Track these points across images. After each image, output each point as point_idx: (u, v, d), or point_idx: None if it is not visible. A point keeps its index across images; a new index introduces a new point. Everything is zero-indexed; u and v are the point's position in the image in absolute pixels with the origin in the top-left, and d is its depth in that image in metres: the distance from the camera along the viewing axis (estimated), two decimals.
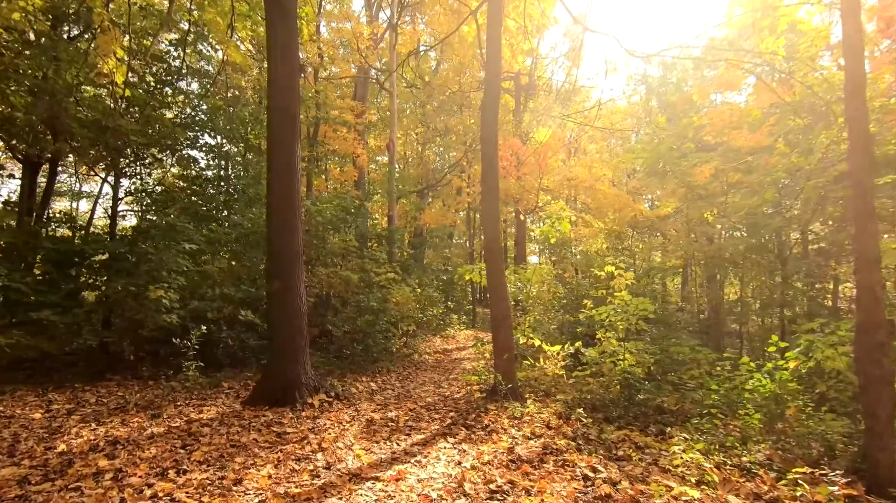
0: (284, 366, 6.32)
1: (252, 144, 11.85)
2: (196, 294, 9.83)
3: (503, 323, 6.88)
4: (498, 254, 7.04)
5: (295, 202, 6.54)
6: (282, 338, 6.37)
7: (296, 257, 6.51)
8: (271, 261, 6.50)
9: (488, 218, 7.12)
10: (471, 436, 5.18)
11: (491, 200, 7.11)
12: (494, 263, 7.00)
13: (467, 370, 10.18)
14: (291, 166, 6.55)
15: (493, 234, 7.07)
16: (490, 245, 7.06)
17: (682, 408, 5.84)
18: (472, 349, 14.42)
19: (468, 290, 22.69)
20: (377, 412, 6.16)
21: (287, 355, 6.35)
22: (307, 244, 11.64)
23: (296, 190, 6.58)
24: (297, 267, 6.52)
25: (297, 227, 6.57)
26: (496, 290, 6.97)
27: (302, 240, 6.70)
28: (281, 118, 6.52)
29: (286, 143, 6.53)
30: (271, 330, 6.47)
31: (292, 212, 6.52)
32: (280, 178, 6.50)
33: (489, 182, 7.09)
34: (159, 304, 8.34)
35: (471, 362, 11.60)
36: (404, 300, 10.78)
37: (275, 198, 6.53)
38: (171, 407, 6.14)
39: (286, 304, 6.40)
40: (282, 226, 6.47)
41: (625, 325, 6.67)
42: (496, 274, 6.98)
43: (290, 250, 6.47)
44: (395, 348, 10.94)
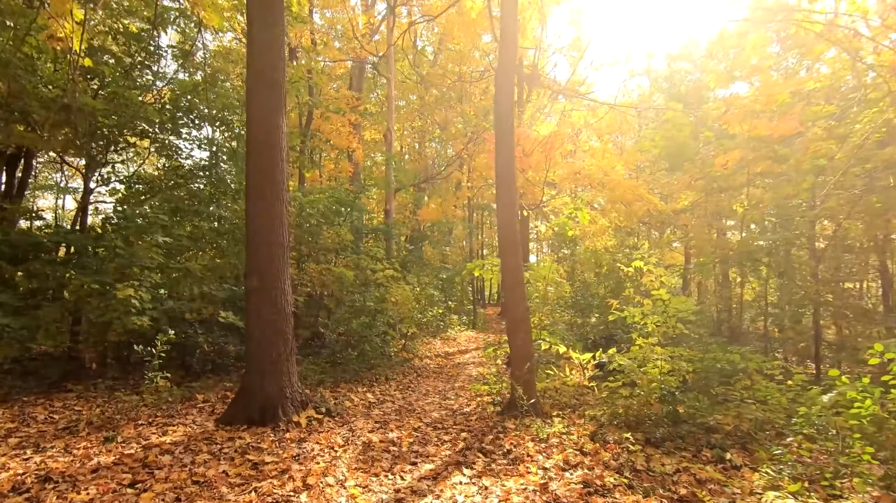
0: (264, 379, 5.34)
1: (241, 133, 10.85)
2: (173, 293, 8.86)
3: (521, 326, 5.93)
4: (515, 246, 6.09)
5: (278, 183, 5.57)
6: (261, 345, 5.39)
7: (279, 248, 5.54)
8: (249, 253, 5.53)
9: (504, 204, 6.18)
10: (491, 465, 4.23)
11: (506, 184, 6.16)
12: (511, 257, 6.06)
13: (474, 377, 9.24)
14: (274, 141, 5.57)
15: (508, 223, 6.12)
16: (506, 236, 6.11)
17: (739, 428, 4.91)
18: (475, 352, 13.49)
19: (468, 290, 21.74)
20: (375, 432, 5.20)
21: (267, 365, 5.37)
22: (298, 239, 10.66)
23: (280, 169, 5.60)
24: (281, 260, 5.55)
25: (282, 213, 5.60)
26: (513, 289, 6.03)
27: (288, 228, 5.72)
28: (260, 83, 5.54)
29: (267, 112, 5.55)
30: (248, 335, 5.50)
31: (275, 194, 5.54)
32: (260, 154, 5.53)
33: (504, 163, 6.15)
34: (128, 305, 7.35)
35: (476, 367, 10.66)
36: (404, 299, 9.82)
37: (254, 178, 5.55)
38: (131, 426, 5.15)
39: (267, 304, 5.42)
40: (262, 211, 5.49)
41: (662, 329, 5.75)
42: (513, 270, 6.03)
43: (272, 240, 5.49)
44: (394, 352, 9.98)
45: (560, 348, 5.62)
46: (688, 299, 5.51)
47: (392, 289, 10.00)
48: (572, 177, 17.35)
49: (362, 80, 21.28)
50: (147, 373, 5.84)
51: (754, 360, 5.44)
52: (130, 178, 10.97)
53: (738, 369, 5.96)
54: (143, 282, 7.85)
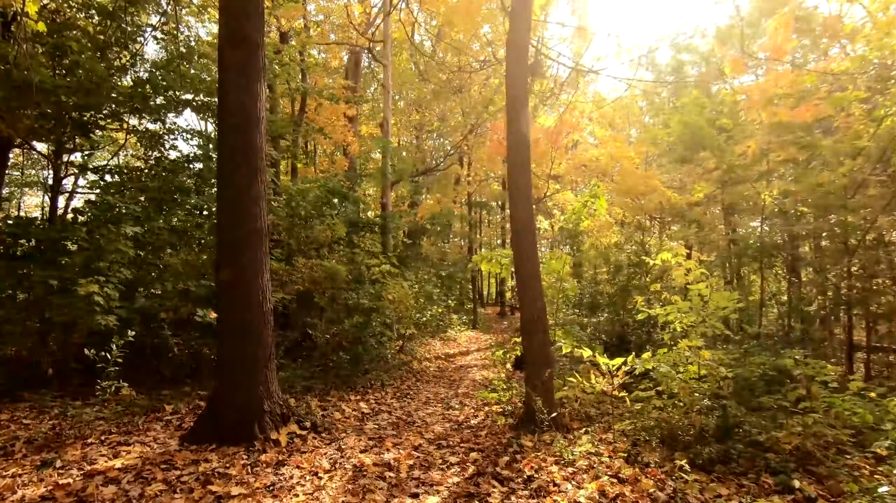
0: (237, 389, 4.53)
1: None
2: (149, 290, 8.06)
3: (538, 325, 5.14)
4: (531, 236, 5.31)
5: (255, 159, 4.76)
6: (234, 350, 4.58)
7: (256, 236, 4.73)
8: (221, 241, 4.72)
9: (518, 188, 5.39)
10: (510, 498, 3.44)
11: (520, 165, 5.37)
12: (526, 245, 5.27)
13: (478, 382, 8.45)
14: (250, 110, 4.76)
15: (524, 209, 5.33)
16: (521, 224, 5.32)
17: (803, 447, 4.14)
18: (477, 354, 12.70)
19: (469, 288, 20.97)
20: (369, 452, 4.40)
21: (241, 373, 4.56)
22: (287, 233, 9.85)
23: (257, 144, 4.79)
24: (259, 249, 4.74)
25: (260, 195, 4.79)
26: (528, 284, 5.24)
27: (267, 213, 4.91)
28: (232, 42, 4.73)
29: (242, 77, 4.74)
30: (220, 338, 4.69)
31: (252, 172, 4.73)
32: (234, 125, 4.72)
33: (517, 139, 5.36)
34: (92, 303, 6.52)
35: (479, 370, 9.88)
36: (401, 297, 9.02)
37: (227, 153, 4.74)
38: (78, 446, 4.33)
39: (241, 302, 4.62)
40: (237, 192, 4.68)
41: (701, 329, 4.98)
42: (528, 260, 5.24)
43: (248, 226, 4.68)
44: (391, 355, 9.18)
45: (584, 352, 4.85)
46: (732, 294, 4.75)
47: (389, 286, 9.20)
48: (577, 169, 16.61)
49: (358, 72, 20.49)
50: (100, 383, 5.02)
51: (811, 366, 4.68)
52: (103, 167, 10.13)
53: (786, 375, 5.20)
54: (111, 278, 7.03)
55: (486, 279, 37.78)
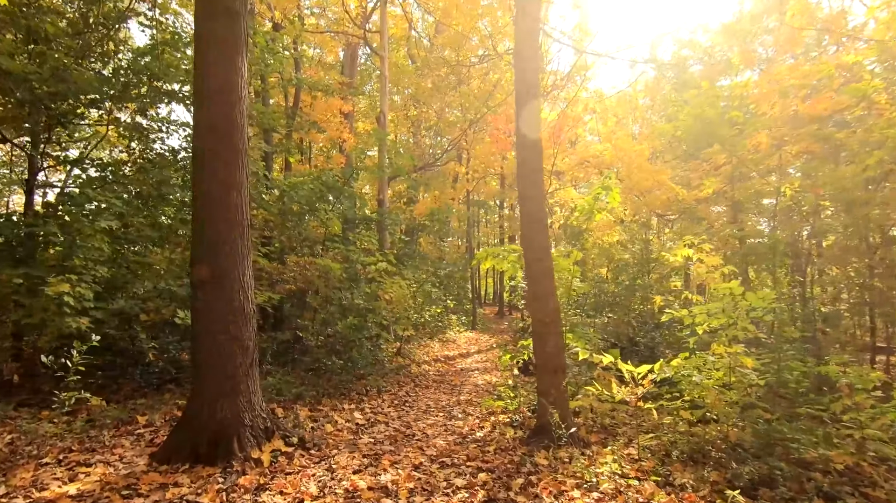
0: (215, 401, 4.01)
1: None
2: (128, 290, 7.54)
3: (551, 328, 4.64)
4: (542, 230, 4.80)
5: (235, 142, 4.23)
6: (212, 356, 4.06)
7: (237, 229, 4.20)
8: (197, 235, 4.19)
9: (528, 177, 4.88)
10: None
11: (530, 146, 4.87)
12: (537, 242, 4.77)
13: (481, 387, 7.95)
14: (230, 88, 4.24)
15: (534, 199, 4.83)
16: (531, 216, 4.82)
17: (857, 467, 3.65)
18: (478, 356, 12.20)
19: (467, 287, 20.47)
20: (363, 472, 3.88)
21: (220, 383, 4.04)
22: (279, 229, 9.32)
23: (238, 125, 4.27)
24: (240, 243, 4.21)
25: (241, 183, 4.26)
26: (540, 282, 4.73)
27: (250, 203, 4.39)
28: (210, 13, 4.21)
29: (221, 50, 4.22)
30: (195, 342, 4.17)
31: (232, 157, 4.21)
32: (212, 104, 4.19)
33: (527, 122, 4.85)
34: (62, 303, 5.99)
35: (481, 374, 9.38)
36: (399, 297, 8.51)
37: (204, 136, 4.22)
38: (31, 467, 3.80)
39: (220, 303, 4.09)
40: (215, 179, 4.15)
41: (731, 332, 4.49)
42: (539, 256, 4.74)
43: (228, 217, 4.16)
44: (388, 358, 8.66)
45: (604, 358, 4.35)
46: (767, 293, 4.26)
47: (386, 285, 8.68)
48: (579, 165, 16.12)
49: (354, 68, 20.03)
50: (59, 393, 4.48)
51: (855, 372, 4.20)
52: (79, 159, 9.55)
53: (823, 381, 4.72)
54: (85, 277, 6.50)
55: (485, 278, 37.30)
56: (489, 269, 31.54)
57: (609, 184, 6.72)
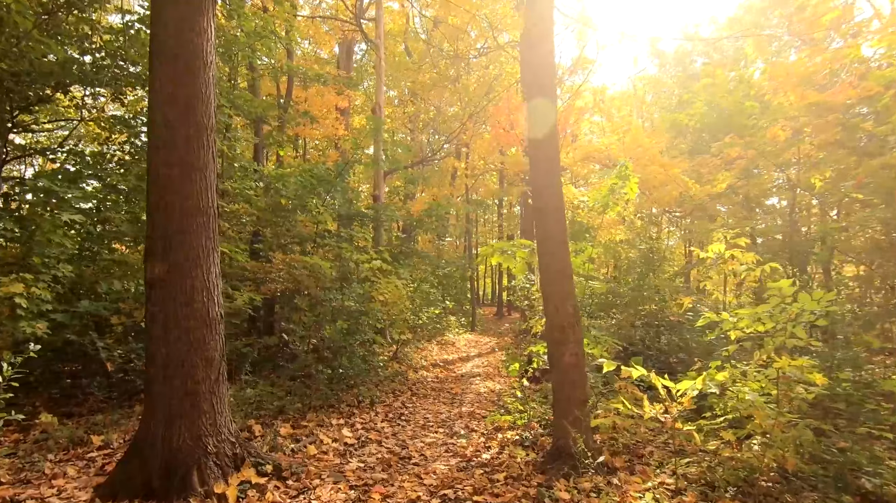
0: (172, 423, 3.34)
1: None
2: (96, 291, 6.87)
3: (569, 334, 3.99)
4: (559, 221, 4.15)
5: (199, 115, 3.57)
6: (168, 370, 3.39)
7: (199, 217, 3.54)
8: (152, 224, 3.53)
9: (541, 159, 4.23)
10: None
11: (544, 125, 4.22)
12: (553, 236, 4.12)
13: (484, 396, 7.30)
14: (192, 51, 3.58)
15: (550, 186, 4.18)
16: (546, 205, 4.17)
17: None
18: (478, 360, 11.55)
19: (466, 287, 19.84)
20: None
21: (177, 401, 3.38)
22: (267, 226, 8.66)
23: (202, 96, 3.61)
24: (202, 235, 3.55)
25: (206, 164, 3.60)
26: (556, 280, 4.09)
27: (216, 189, 3.72)
28: None
29: (182, 8, 3.56)
30: (148, 353, 3.50)
31: (195, 134, 3.54)
32: (170, 71, 3.53)
33: (541, 89, 4.21)
34: (14, 305, 5.34)
35: (483, 381, 8.73)
36: (395, 298, 7.86)
37: (161, 108, 3.55)
38: None
39: (179, 306, 3.43)
40: (174, 159, 3.49)
41: (780, 338, 3.85)
42: (556, 254, 4.09)
43: (189, 204, 3.50)
44: (382, 363, 7.99)
45: (635, 371, 3.70)
46: (826, 293, 3.63)
47: (381, 284, 8.02)
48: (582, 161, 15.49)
49: (350, 63, 19.45)
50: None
51: None
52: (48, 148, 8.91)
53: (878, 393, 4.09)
54: (44, 276, 5.83)
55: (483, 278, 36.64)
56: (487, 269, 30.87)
57: (626, 173, 6.09)
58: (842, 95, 8.99)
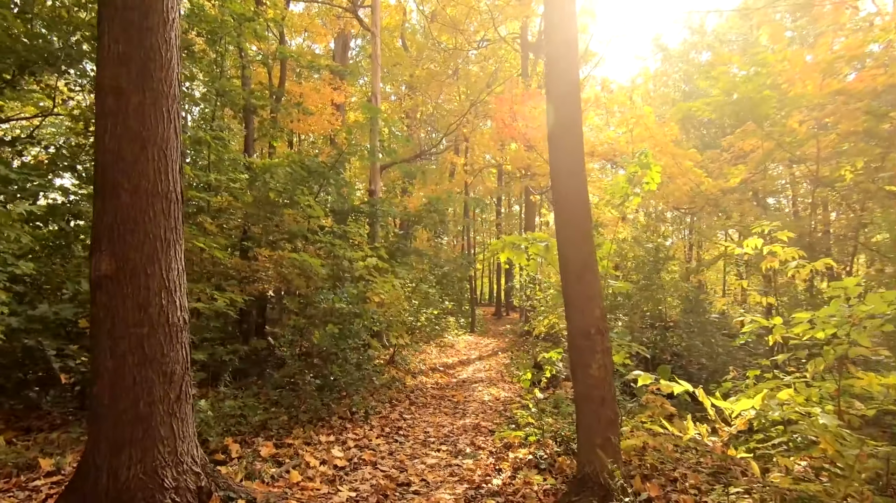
0: (120, 451, 2.74)
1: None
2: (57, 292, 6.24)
3: (596, 343, 3.40)
4: (583, 208, 3.57)
5: (156, 80, 2.97)
6: (114, 386, 2.79)
7: (153, 202, 2.94)
8: (96, 211, 2.93)
9: (560, 135, 3.65)
10: None
11: (566, 90, 3.63)
12: (578, 225, 3.53)
13: (489, 405, 6.71)
14: (150, 3, 2.98)
15: (572, 167, 3.60)
16: (568, 190, 3.58)
17: None
18: (479, 363, 10.98)
19: (466, 287, 19.27)
20: None
21: (125, 425, 2.78)
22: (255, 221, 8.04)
23: (160, 58, 3.00)
24: (159, 224, 2.95)
25: (164, 139, 3.00)
26: (580, 278, 3.50)
27: (179, 170, 3.12)
28: None
29: None
30: (94, 365, 2.90)
31: (150, 100, 2.95)
32: (121, 25, 2.93)
33: (566, 41, 3.62)
34: None
35: (487, 387, 8.15)
36: (392, 298, 7.27)
37: (108, 67, 2.95)
38: None
39: (129, 309, 2.83)
40: (118, 128, 2.89)
41: (843, 347, 3.29)
42: (580, 246, 3.51)
43: (138, 185, 2.90)
44: (378, 370, 7.40)
45: (679, 387, 3.13)
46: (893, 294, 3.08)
47: (377, 284, 7.42)
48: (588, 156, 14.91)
49: (346, 58, 18.92)
50: None
51: None
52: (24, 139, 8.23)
53: None
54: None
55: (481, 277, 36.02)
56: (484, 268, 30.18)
57: (646, 160, 5.52)
58: (864, 83, 8.48)
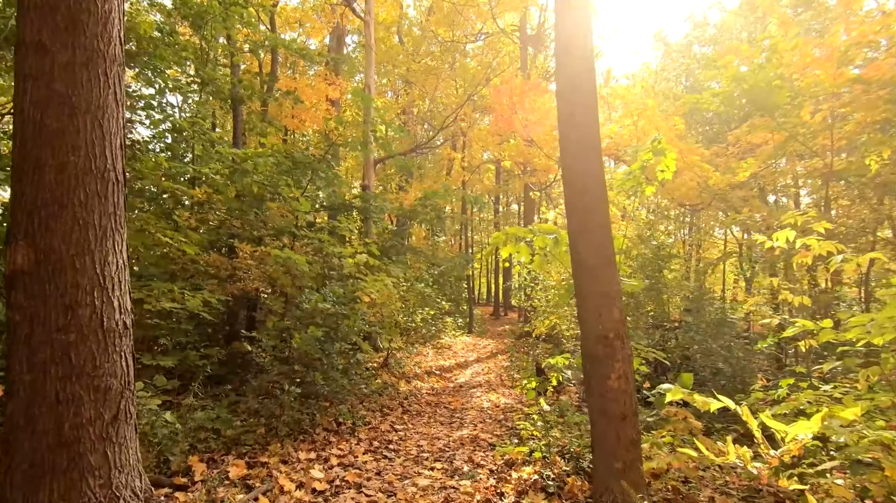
0: (36, 483, 2.23)
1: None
2: None
3: (616, 350, 2.91)
4: (599, 192, 3.08)
5: (90, 35, 2.46)
6: (32, 404, 2.29)
7: (86, 182, 2.43)
8: (14, 193, 2.42)
9: (574, 97, 3.15)
10: None
11: (578, 63, 3.14)
12: (592, 212, 3.04)
13: (488, 414, 6.21)
14: None
15: (586, 140, 3.11)
16: (583, 172, 3.09)
17: None
18: (478, 366, 10.48)
19: (464, 287, 18.78)
20: None
21: (45, 450, 2.27)
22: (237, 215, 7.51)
23: (95, 9, 2.50)
24: (92, 209, 2.44)
25: (102, 106, 2.49)
26: (597, 275, 3.00)
27: (121, 146, 2.61)
28: None
29: None
30: (7, 379, 2.39)
31: (83, 59, 2.44)
32: None
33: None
34: None
35: (485, 393, 7.66)
36: (384, 298, 6.77)
37: (28, 18, 2.44)
38: None
39: (48, 310, 2.32)
40: (41, 91, 2.38)
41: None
42: (595, 238, 3.01)
43: (66, 161, 2.39)
44: (369, 376, 6.89)
45: (719, 402, 2.64)
46: None
47: (368, 283, 6.91)
48: None
49: (341, 52, 18.43)
50: None
51: None
52: None
53: None
54: None
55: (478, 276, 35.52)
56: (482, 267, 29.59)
57: (661, 147, 5.04)
58: (879, 71, 8.03)
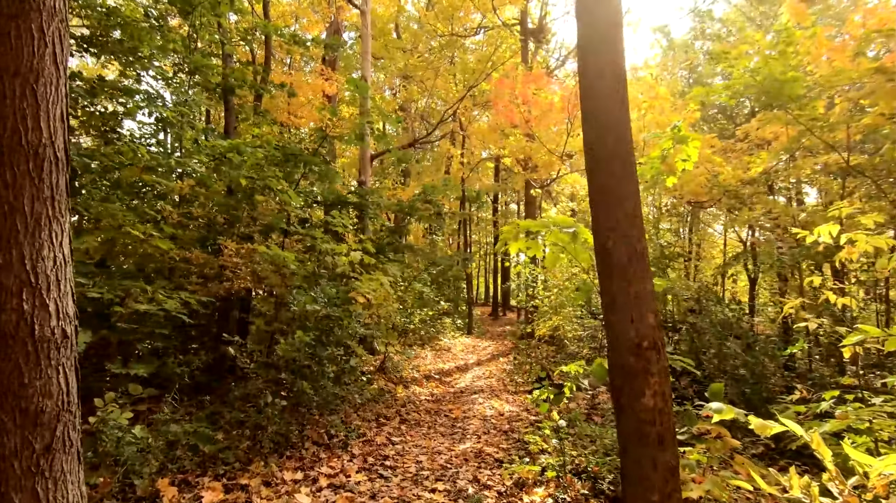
0: None
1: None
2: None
3: (651, 363, 2.48)
4: (629, 178, 2.65)
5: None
6: None
7: (14, 160, 1.98)
8: None
9: (598, 70, 2.72)
10: None
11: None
12: (621, 201, 2.61)
13: (492, 423, 5.79)
14: None
15: (613, 119, 2.68)
16: (609, 154, 2.67)
17: None
18: (478, 369, 10.05)
19: (463, 287, 18.35)
20: None
21: None
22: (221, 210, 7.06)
23: None
24: (21, 192, 1.99)
25: (36, 69, 2.04)
26: (624, 275, 2.58)
27: (62, 118, 2.17)
28: None
29: None
30: None
31: (7, 10, 2.00)
32: None
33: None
34: None
35: (488, 399, 7.24)
36: (380, 299, 6.33)
37: None
38: None
39: None
40: None
41: None
42: (624, 230, 2.59)
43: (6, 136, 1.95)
44: (364, 381, 6.45)
45: (777, 428, 2.17)
46: None
47: (363, 283, 6.47)
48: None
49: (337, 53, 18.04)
50: None
51: None
52: None
53: None
54: None
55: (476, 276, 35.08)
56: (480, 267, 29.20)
57: (682, 135, 4.63)
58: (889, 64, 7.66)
